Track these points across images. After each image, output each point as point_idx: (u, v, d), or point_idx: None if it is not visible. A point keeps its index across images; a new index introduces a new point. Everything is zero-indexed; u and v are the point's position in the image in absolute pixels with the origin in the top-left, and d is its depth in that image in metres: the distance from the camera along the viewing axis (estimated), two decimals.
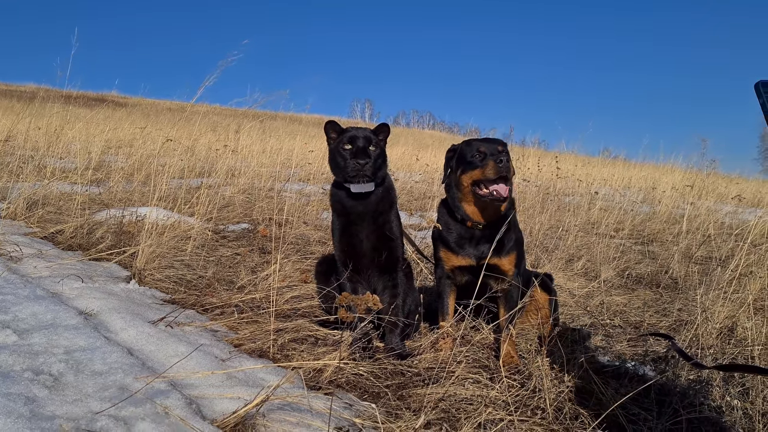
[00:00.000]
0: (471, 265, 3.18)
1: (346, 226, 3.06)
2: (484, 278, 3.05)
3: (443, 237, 3.29)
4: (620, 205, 10.10)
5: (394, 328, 3.08)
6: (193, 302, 3.51)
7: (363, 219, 3.02)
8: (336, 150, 3.00)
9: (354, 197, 3.01)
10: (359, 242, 3.04)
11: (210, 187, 7.98)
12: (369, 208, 3.02)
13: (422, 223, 7.79)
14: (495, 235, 3.07)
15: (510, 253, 3.15)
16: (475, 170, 3.05)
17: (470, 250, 3.18)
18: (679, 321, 4.13)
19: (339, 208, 3.07)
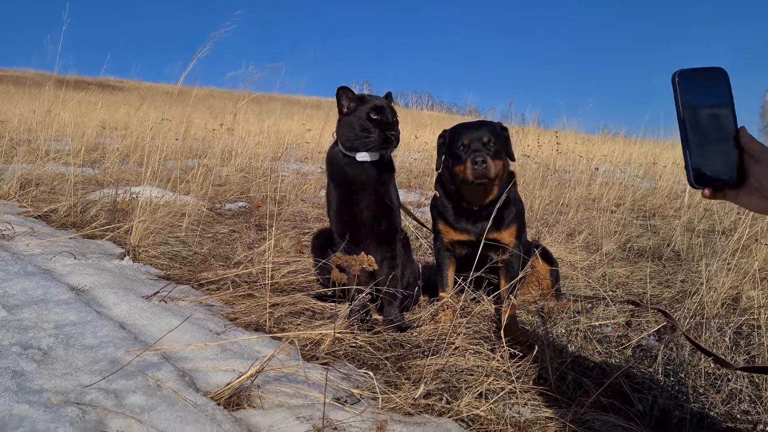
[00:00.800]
0: (470, 240, 3.11)
1: (345, 195, 2.99)
2: (484, 250, 2.99)
3: (441, 211, 3.22)
4: (621, 180, 10.02)
5: (392, 300, 3.03)
6: (188, 278, 3.45)
7: (364, 188, 2.96)
8: (356, 118, 2.91)
9: (358, 166, 2.94)
10: (359, 212, 2.97)
11: (206, 166, 7.90)
12: (371, 178, 2.95)
13: (421, 200, 7.73)
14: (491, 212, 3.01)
15: (510, 225, 3.08)
16: (458, 165, 3.01)
17: (469, 227, 3.12)
18: (682, 292, 4.08)
19: (340, 176, 3.00)
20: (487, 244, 2.97)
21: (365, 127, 2.89)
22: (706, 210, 7.67)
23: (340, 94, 2.94)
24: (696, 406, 2.41)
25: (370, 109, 2.91)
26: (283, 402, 1.99)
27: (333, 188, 3.05)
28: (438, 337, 2.83)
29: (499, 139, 3.02)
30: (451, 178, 3.14)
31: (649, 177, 11.45)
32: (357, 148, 2.92)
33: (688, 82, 1.32)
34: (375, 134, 2.87)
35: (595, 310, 3.41)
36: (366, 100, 2.95)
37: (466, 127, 3.07)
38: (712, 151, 1.30)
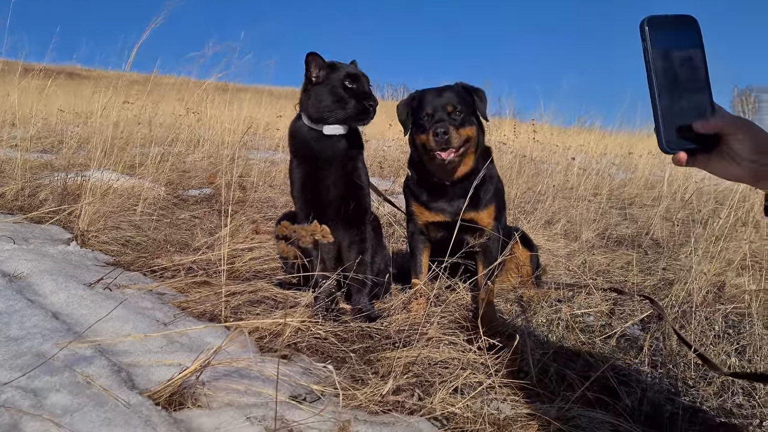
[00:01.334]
0: (446, 221, 2.90)
1: (310, 172, 2.75)
2: (461, 233, 2.78)
3: (414, 191, 3.00)
4: (597, 170, 9.91)
5: (361, 287, 2.80)
6: (140, 265, 3.18)
7: (330, 164, 2.72)
8: (329, 87, 2.67)
9: (326, 140, 2.70)
10: (325, 190, 2.74)
11: (172, 153, 7.58)
12: (338, 153, 2.72)
13: (394, 188, 7.50)
14: (469, 188, 2.80)
15: (488, 205, 2.87)
16: (422, 134, 2.81)
17: (444, 206, 2.90)
18: (664, 279, 3.92)
19: (304, 151, 2.75)
20: (463, 227, 2.76)
21: (340, 97, 2.65)
22: (683, 201, 7.59)
23: (310, 61, 2.69)
24: (687, 400, 2.22)
25: (344, 76, 2.67)
26: (232, 400, 1.75)
27: (297, 165, 2.80)
28: (410, 327, 2.61)
29: (465, 106, 2.81)
30: (416, 150, 2.93)
31: (625, 167, 11.37)
32: (327, 120, 2.68)
33: (657, 30, 1.17)
34: (351, 104, 2.64)
35: (576, 298, 3.22)
36: (338, 67, 2.71)
37: (430, 94, 2.85)
38: (685, 107, 1.16)
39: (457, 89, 2.85)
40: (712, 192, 8.11)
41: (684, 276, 3.75)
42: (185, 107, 8.62)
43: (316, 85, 2.69)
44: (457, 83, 2.90)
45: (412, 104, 2.92)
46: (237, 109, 12.61)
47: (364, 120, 2.69)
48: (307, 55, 2.67)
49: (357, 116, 2.66)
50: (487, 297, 2.77)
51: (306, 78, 2.72)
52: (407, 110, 2.96)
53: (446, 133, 2.66)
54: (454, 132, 2.70)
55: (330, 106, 2.65)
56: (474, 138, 2.83)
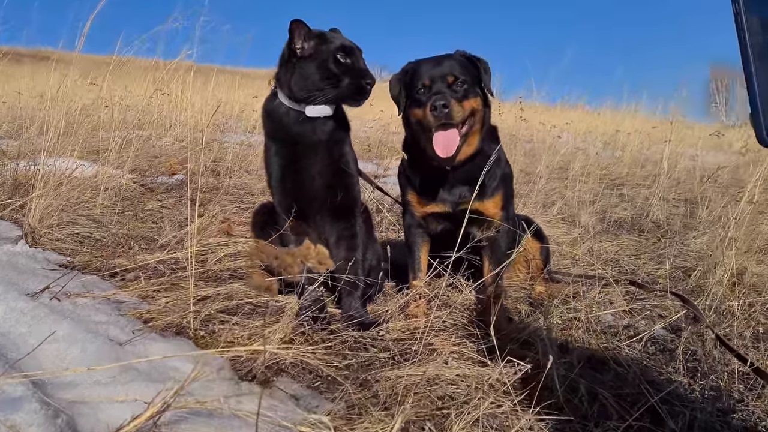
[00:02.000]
0: (447, 212, 2.54)
1: (291, 159, 2.37)
2: (469, 227, 2.43)
3: (411, 177, 2.63)
4: (583, 148, 9.64)
5: (353, 290, 2.43)
6: (98, 266, 2.78)
7: (315, 150, 2.35)
8: (318, 62, 2.29)
9: (308, 123, 2.33)
10: (309, 179, 2.37)
11: (141, 138, 7.13)
12: (323, 137, 2.35)
13: (378, 171, 7.14)
14: (474, 173, 2.44)
15: (495, 193, 2.51)
16: (417, 109, 2.45)
17: (444, 195, 2.54)
18: (677, 268, 3.61)
19: (282, 134, 2.38)
20: (467, 218, 2.40)
21: (331, 74, 2.27)
22: (675, 180, 7.35)
23: (294, 29, 2.28)
24: (737, 418, 1.91)
25: (336, 49, 2.29)
26: None
27: (274, 151, 2.42)
28: (410, 335, 2.27)
29: (468, 76, 2.44)
30: (411, 129, 2.57)
31: (612, 146, 11.12)
32: (314, 99, 2.30)
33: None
34: (344, 83, 2.27)
35: (590, 292, 2.90)
36: (328, 38, 2.33)
37: (427, 64, 2.48)
38: None
39: (458, 58, 2.48)
40: (698, 169, 7.90)
41: (701, 263, 3.47)
42: (154, 88, 8.13)
43: (302, 58, 2.30)
44: (457, 51, 2.53)
45: (405, 78, 2.55)
46: (211, 91, 12.12)
47: (359, 101, 2.33)
48: (292, 23, 2.28)
49: (351, 96, 2.30)
50: (497, 299, 2.43)
51: (288, 50, 2.32)
52: (400, 85, 2.59)
53: (446, 105, 2.28)
54: (456, 105, 2.33)
55: (318, 84, 2.27)
56: (479, 112, 2.46)
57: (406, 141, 2.67)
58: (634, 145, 10.27)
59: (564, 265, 3.53)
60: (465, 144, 2.45)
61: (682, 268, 3.61)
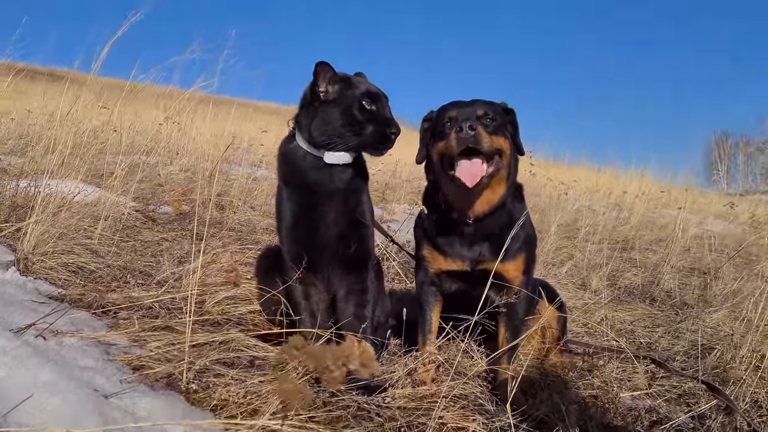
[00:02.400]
0: (464, 270, 2.39)
1: (305, 205, 2.24)
2: (481, 286, 2.28)
3: (428, 231, 2.50)
4: (590, 207, 9.56)
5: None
6: (90, 301, 2.63)
7: (331, 198, 2.23)
8: (343, 107, 2.19)
9: (326, 169, 2.22)
10: (323, 228, 2.24)
11: (147, 164, 7.05)
12: (340, 185, 2.23)
13: (383, 215, 7.02)
14: (495, 229, 2.32)
15: (517, 255, 2.37)
16: (441, 141, 2.29)
17: (462, 251, 2.39)
18: (693, 344, 3.45)
19: (298, 179, 2.25)
20: (485, 279, 2.25)
21: (355, 120, 2.18)
22: (685, 248, 7.22)
23: (319, 71, 2.18)
24: None
25: (362, 95, 2.20)
26: None
27: (288, 197, 2.29)
28: (418, 404, 2.10)
29: (498, 117, 2.31)
30: (433, 171, 2.43)
31: (619, 206, 11.04)
32: (335, 146, 2.19)
33: None
34: (368, 131, 2.17)
35: (607, 366, 2.74)
36: (354, 83, 2.23)
37: (456, 103, 2.36)
38: None
39: (490, 102, 2.36)
40: (706, 237, 7.78)
41: (719, 343, 3.31)
42: (165, 116, 8.09)
43: (326, 102, 2.19)
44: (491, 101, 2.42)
45: (431, 122, 2.44)
46: (221, 121, 12.12)
47: (382, 150, 2.23)
48: (317, 65, 2.17)
49: (374, 145, 2.20)
50: (514, 372, 2.27)
51: (311, 92, 2.22)
52: (422, 129, 2.49)
53: (473, 128, 2.13)
54: (485, 133, 2.17)
55: (340, 130, 2.16)
56: (507, 156, 2.30)
57: (426, 192, 2.55)
58: (641, 207, 10.19)
59: (576, 333, 3.37)
60: (489, 188, 2.29)
61: (700, 344, 3.45)
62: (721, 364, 3.00)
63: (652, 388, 2.56)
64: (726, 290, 4.81)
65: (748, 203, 15.11)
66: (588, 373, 2.67)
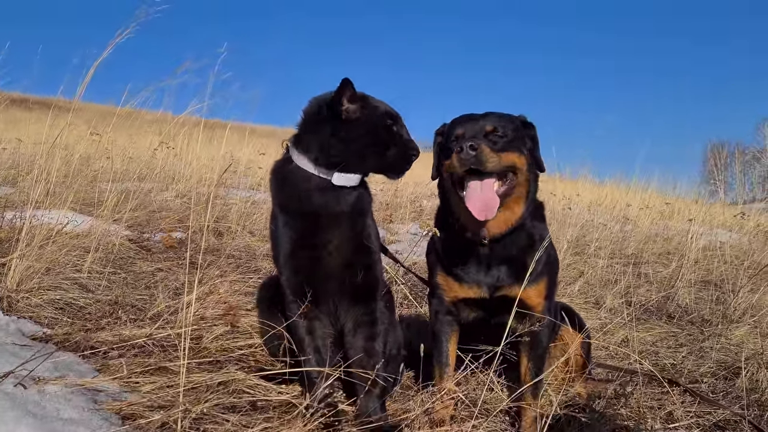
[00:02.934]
0: (482, 297, 2.21)
1: (305, 232, 2.05)
2: (501, 314, 2.11)
3: (441, 256, 2.32)
4: (595, 221, 9.40)
5: (372, 388, 2.08)
6: (78, 340, 2.44)
7: (336, 222, 2.05)
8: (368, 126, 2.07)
9: (331, 191, 2.05)
10: (326, 256, 2.05)
11: (141, 191, 6.89)
12: (345, 208, 2.06)
13: (386, 236, 6.84)
14: (513, 252, 2.14)
15: (539, 279, 2.18)
16: (446, 160, 2.15)
17: (479, 276, 2.20)
18: (719, 363, 3.26)
19: (297, 204, 2.07)
20: (506, 306, 2.07)
21: (380, 141, 2.06)
22: (694, 260, 7.04)
23: (345, 89, 2.02)
24: None
25: (384, 115, 2.08)
26: None
27: (285, 223, 2.10)
28: None
29: (511, 131, 2.14)
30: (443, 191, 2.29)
31: (625, 219, 10.88)
32: (351, 167, 2.04)
33: None
34: (392, 152, 2.07)
35: (635, 393, 2.54)
36: (372, 102, 2.10)
37: (465, 118, 2.20)
38: None
39: (508, 117, 2.20)
40: (714, 248, 7.61)
41: (747, 362, 3.12)
42: (160, 141, 7.95)
43: (347, 121, 2.03)
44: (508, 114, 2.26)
45: (441, 138, 2.28)
46: (217, 145, 11.99)
47: (401, 173, 2.11)
48: (344, 81, 2.01)
49: (393, 167, 2.09)
50: (538, 408, 2.08)
51: (329, 110, 2.05)
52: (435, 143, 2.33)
53: (474, 147, 1.97)
54: (489, 151, 2.01)
55: (363, 150, 2.04)
56: (522, 172, 2.13)
57: (439, 211, 2.38)
58: (647, 221, 10.03)
59: (598, 356, 3.18)
60: (504, 208, 2.12)
61: (726, 364, 3.27)
62: (756, 387, 2.81)
63: (685, 419, 2.36)
64: (745, 304, 4.63)
65: (753, 212, 14.96)
66: (616, 401, 2.48)
